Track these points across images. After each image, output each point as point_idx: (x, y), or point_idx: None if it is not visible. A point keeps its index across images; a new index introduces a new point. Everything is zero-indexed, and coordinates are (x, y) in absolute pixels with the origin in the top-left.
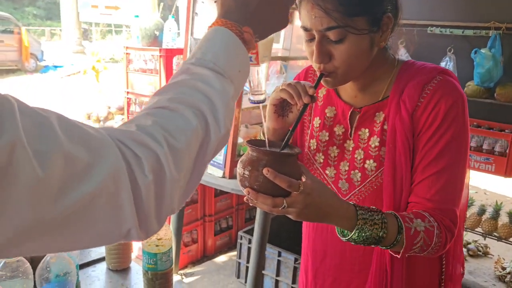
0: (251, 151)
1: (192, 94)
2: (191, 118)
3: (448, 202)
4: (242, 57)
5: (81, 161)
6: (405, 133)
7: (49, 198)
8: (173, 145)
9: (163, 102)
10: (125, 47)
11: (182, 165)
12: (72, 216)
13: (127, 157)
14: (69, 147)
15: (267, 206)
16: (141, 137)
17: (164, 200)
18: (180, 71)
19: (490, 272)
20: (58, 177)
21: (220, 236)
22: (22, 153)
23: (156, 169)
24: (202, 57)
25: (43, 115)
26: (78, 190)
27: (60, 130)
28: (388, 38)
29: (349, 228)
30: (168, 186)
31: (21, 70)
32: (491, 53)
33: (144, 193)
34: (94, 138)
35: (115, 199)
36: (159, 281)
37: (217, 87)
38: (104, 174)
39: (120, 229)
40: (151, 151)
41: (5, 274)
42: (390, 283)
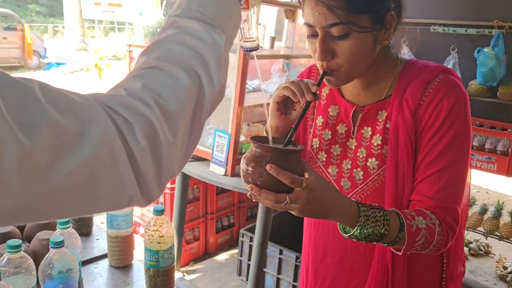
0: (254, 148)
1: (181, 51)
2: (183, 77)
3: (449, 200)
4: (231, 2)
5: (70, 131)
6: (408, 131)
7: (42, 168)
8: (165, 108)
9: (151, 62)
10: (128, 44)
11: (177, 127)
12: (69, 186)
13: (118, 124)
14: (56, 117)
15: (270, 202)
16: (131, 101)
17: (162, 165)
18: (167, 25)
19: (491, 272)
20: (48, 148)
21: (222, 234)
22: (3, 125)
23: (149, 134)
24: (188, 7)
25: (26, 85)
26: (70, 160)
27: (44, 100)
28: (391, 36)
29: (351, 224)
30: (164, 150)
31: (24, 67)
32: (494, 52)
33: (139, 159)
34: (82, 106)
35: (111, 167)
36: (161, 278)
37: (207, 40)
38: (96, 141)
39: (121, 196)
40: (142, 116)
41: (8, 270)
42: (391, 281)
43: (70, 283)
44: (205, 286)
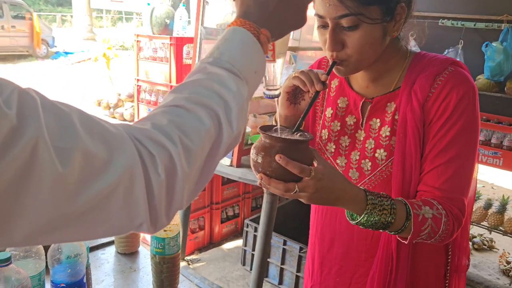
0: (264, 138)
1: (207, 94)
2: (205, 118)
3: (456, 191)
4: (258, 59)
5: (99, 158)
6: (416, 123)
7: (68, 193)
8: (187, 146)
9: (179, 101)
10: (135, 34)
11: (194, 165)
12: (89, 211)
13: (142, 155)
14: (88, 144)
15: (279, 191)
16: (156, 136)
17: (174, 198)
18: (197, 70)
19: (494, 266)
20: (77, 173)
21: (227, 224)
22: (44, 150)
23: (168, 168)
24: (219, 57)
25: (65, 111)
26: (95, 185)
27: (80, 127)
28: (401, 28)
29: (359, 212)
30: (179, 185)
31: (32, 56)
32: (502, 47)
33: (156, 190)
34: (112, 135)
35: (130, 194)
36: (167, 265)
37: (232, 89)
38: (121, 170)
39: (132, 222)
40: (165, 150)
41: (18, 254)
42: (396, 270)
43: (78, 268)
44: (209, 275)
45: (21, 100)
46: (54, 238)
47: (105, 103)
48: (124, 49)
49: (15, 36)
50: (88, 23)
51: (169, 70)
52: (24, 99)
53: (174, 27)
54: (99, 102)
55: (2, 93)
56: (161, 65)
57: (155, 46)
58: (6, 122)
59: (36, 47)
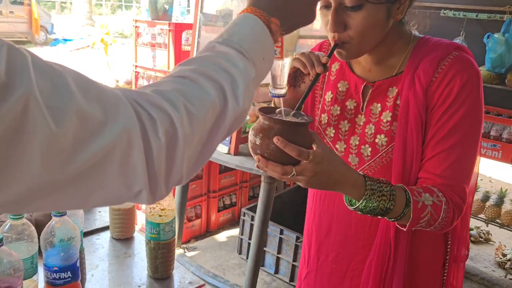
0: (262, 119)
1: (214, 68)
2: (211, 90)
3: (458, 179)
4: (267, 46)
5: (95, 119)
6: (418, 108)
7: (62, 155)
8: (190, 112)
9: (184, 72)
10: (134, 20)
11: (196, 133)
12: (84, 174)
13: (142, 118)
14: (83, 104)
15: (276, 174)
16: (158, 100)
17: (174, 165)
18: (206, 49)
19: (490, 258)
20: (72, 134)
21: (223, 212)
22: (36, 108)
23: (169, 133)
24: (229, 38)
25: (58, 70)
26: (90, 147)
27: (75, 87)
28: (405, 11)
29: (357, 197)
30: (179, 151)
31: (31, 42)
32: (504, 38)
33: (155, 155)
34: (109, 97)
35: (127, 158)
36: (161, 250)
37: (240, 66)
38: (118, 132)
39: (131, 189)
40: (166, 115)
41: (10, 236)
42: (393, 258)
43: (71, 252)
44: (205, 263)
45: (10, 56)
46: (46, 205)
47: None
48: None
49: (14, 22)
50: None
51: (167, 56)
52: (13, 56)
53: (173, 13)
54: None
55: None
56: (159, 51)
57: (153, 32)
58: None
59: (34, 34)
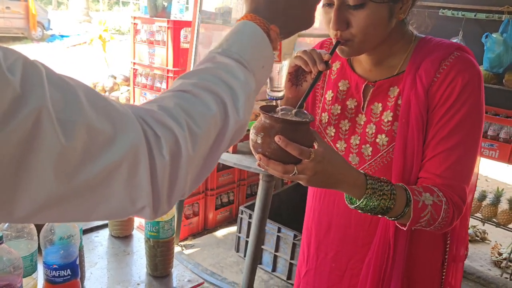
0: (264, 118)
1: (215, 82)
2: (212, 104)
3: (458, 179)
4: (266, 54)
5: (103, 134)
6: (420, 108)
7: (71, 168)
8: (193, 130)
9: (186, 86)
10: (132, 17)
11: (199, 150)
12: (91, 187)
13: (148, 135)
14: (93, 119)
15: (278, 172)
16: (163, 117)
17: (177, 183)
18: (206, 59)
19: (486, 257)
20: (80, 147)
21: (221, 210)
22: (48, 121)
23: (173, 151)
24: (228, 48)
25: (70, 84)
26: (98, 162)
27: (85, 101)
28: (407, 11)
29: (358, 196)
30: (182, 169)
31: (27, 38)
32: (502, 38)
33: (159, 173)
34: (118, 112)
35: (133, 174)
36: (161, 248)
37: (240, 78)
38: (125, 148)
39: (134, 205)
40: (171, 133)
41: (10, 234)
42: (392, 257)
43: (71, 250)
44: (203, 261)
45: (25, 68)
46: (53, 216)
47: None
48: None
49: (10, 17)
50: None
51: (166, 53)
52: (28, 68)
53: (171, 10)
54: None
55: (7, 60)
56: (158, 49)
57: (152, 29)
58: (9, 89)
59: (31, 30)
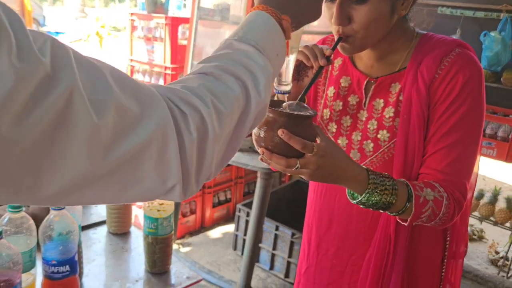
0: (267, 112)
1: (235, 65)
2: (234, 86)
3: (459, 175)
4: (280, 42)
5: (132, 113)
6: (421, 104)
7: (103, 147)
8: (218, 108)
9: (208, 69)
10: (130, 13)
11: (224, 128)
12: (122, 167)
13: (174, 113)
14: (121, 98)
15: (280, 166)
16: (188, 96)
17: (204, 161)
18: (223, 46)
19: (483, 256)
20: (111, 126)
21: (218, 208)
22: (80, 99)
23: (200, 128)
24: (244, 36)
25: (96, 65)
26: (128, 140)
27: (112, 81)
28: (409, 7)
29: (360, 191)
30: (209, 147)
31: None
32: (500, 36)
33: (188, 150)
34: (144, 92)
35: (163, 152)
36: (159, 245)
37: (259, 62)
38: (153, 126)
39: (165, 184)
40: (197, 110)
41: (9, 229)
42: (393, 253)
43: (70, 245)
44: (200, 259)
45: (54, 50)
46: (84, 197)
47: None
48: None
49: None
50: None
51: (163, 50)
52: (57, 49)
53: (169, 6)
54: None
55: (36, 42)
56: (155, 45)
57: (149, 26)
58: (41, 69)
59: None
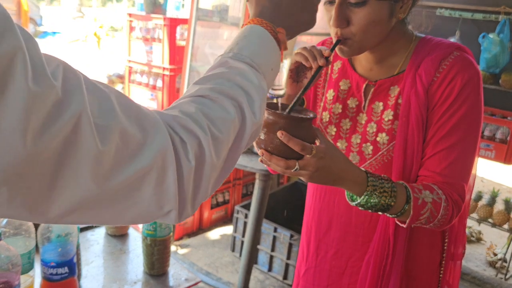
0: (267, 114)
1: (231, 86)
2: (230, 109)
3: (457, 177)
4: (275, 56)
5: (135, 139)
6: (420, 107)
7: (105, 171)
8: (215, 135)
9: (204, 91)
10: (128, 14)
11: (220, 154)
12: (122, 192)
13: (175, 141)
14: (125, 124)
15: (280, 168)
16: (187, 122)
17: (200, 187)
18: (218, 64)
19: (481, 258)
20: (114, 152)
21: (216, 210)
22: (86, 125)
23: (198, 156)
24: (239, 52)
25: (104, 90)
26: (130, 166)
27: (118, 106)
28: (408, 10)
29: (359, 193)
30: (206, 173)
31: None
32: (499, 38)
33: (186, 177)
34: (147, 118)
35: (162, 179)
36: (158, 247)
37: (254, 82)
38: (155, 153)
39: (162, 209)
40: (195, 137)
41: (8, 231)
42: (392, 255)
43: (69, 247)
44: (198, 261)
45: (66, 74)
46: (84, 218)
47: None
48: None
49: None
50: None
51: (161, 51)
52: (68, 74)
53: (167, 7)
54: None
55: (49, 66)
56: (153, 46)
57: (147, 27)
58: (53, 93)
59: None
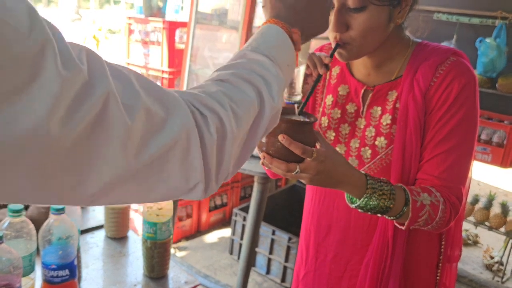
0: None
1: (250, 73)
2: (249, 92)
3: (455, 180)
4: (291, 54)
5: (158, 116)
6: (417, 111)
7: (135, 147)
8: (236, 111)
9: (224, 76)
10: (127, 17)
11: (240, 131)
12: (150, 167)
13: (196, 116)
14: (148, 103)
15: (281, 171)
16: (207, 100)
17: (223, 161)
18: (237, 56)
19: (478, 261)
20: (141, 128)
21: (215, 212)
22: (114, 103)
23: (219, 130)
24: (257, 46)
25: (124, 72)
26: (156, 141)
27: (139, 87)
28: (405, 16)
29: (358, 196)
30: (228, 147)
31: None
32: (495, 43)
33: (209, 150)
34: (168, 96)
35: (187, 152)
36: (158, 250)
37: (272, 71)
38: (178, 128)
39: (188, 182)
40: (216, 113)
41: (10, 234)
42: (391, 258)
43: (69, 250)
44: (196, 263)
45: (89, 58)
46: (116, 197)
47: None
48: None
49: None
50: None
51: (160, 53)
52: (91, 58)
53: (166, 10)
54: None
55: (74, 51)
56: (152, 49)
57: (146, 30)
58: (81, 76)
59: None
